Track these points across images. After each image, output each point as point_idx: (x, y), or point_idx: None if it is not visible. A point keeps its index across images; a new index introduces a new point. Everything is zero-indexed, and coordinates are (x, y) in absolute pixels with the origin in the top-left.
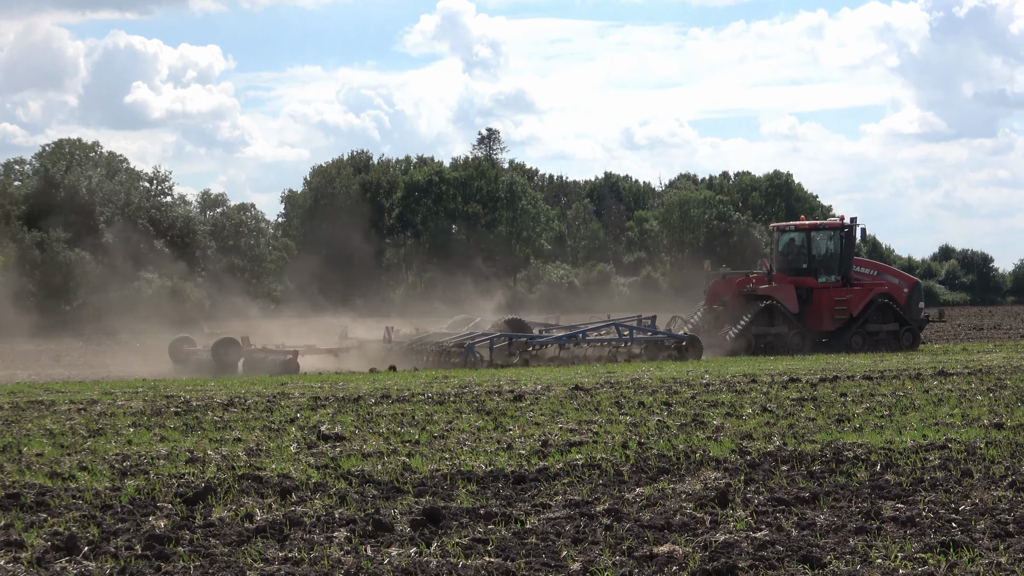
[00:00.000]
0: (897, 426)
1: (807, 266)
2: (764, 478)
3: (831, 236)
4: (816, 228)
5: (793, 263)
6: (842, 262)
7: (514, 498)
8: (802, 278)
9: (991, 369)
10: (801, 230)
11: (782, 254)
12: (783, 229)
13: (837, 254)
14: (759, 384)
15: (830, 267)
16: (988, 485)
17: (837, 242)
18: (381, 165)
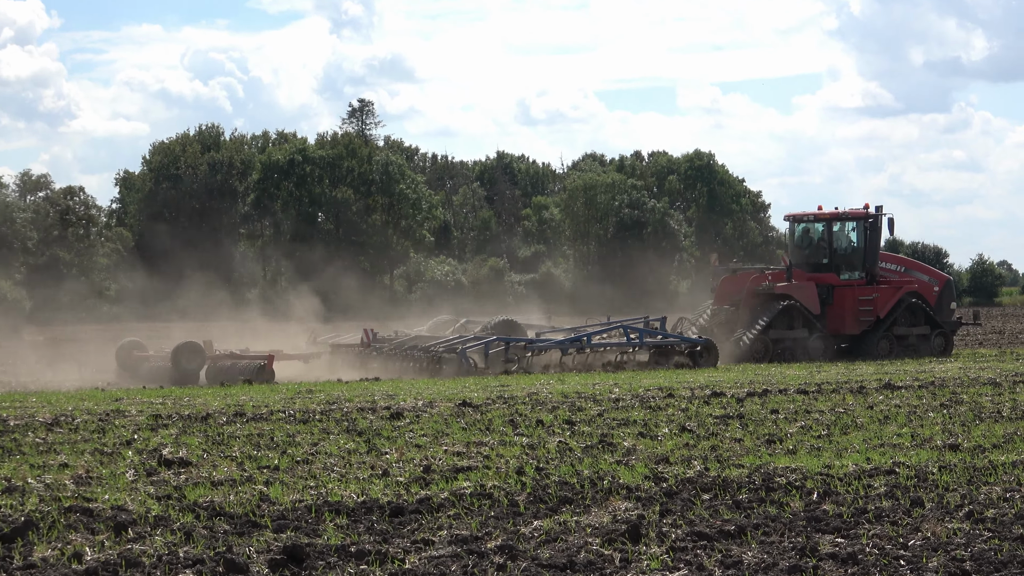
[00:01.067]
0: (837, 448)
1: (828, 261)
2: (683, 509)
3: (854, 227)
4: (838, 218)
5: (811, 258)
6: (867, 257)
7: (391, 533)
8: (822, 275)
9: (944, 382)
10: (821, 220)
11: (798, 247)
12: (799, 219)
13: (861, 248)
14: (677, 399)
15: (853, 262)
16: (941, 516)
17: (861, 234)
18: (234, 142)
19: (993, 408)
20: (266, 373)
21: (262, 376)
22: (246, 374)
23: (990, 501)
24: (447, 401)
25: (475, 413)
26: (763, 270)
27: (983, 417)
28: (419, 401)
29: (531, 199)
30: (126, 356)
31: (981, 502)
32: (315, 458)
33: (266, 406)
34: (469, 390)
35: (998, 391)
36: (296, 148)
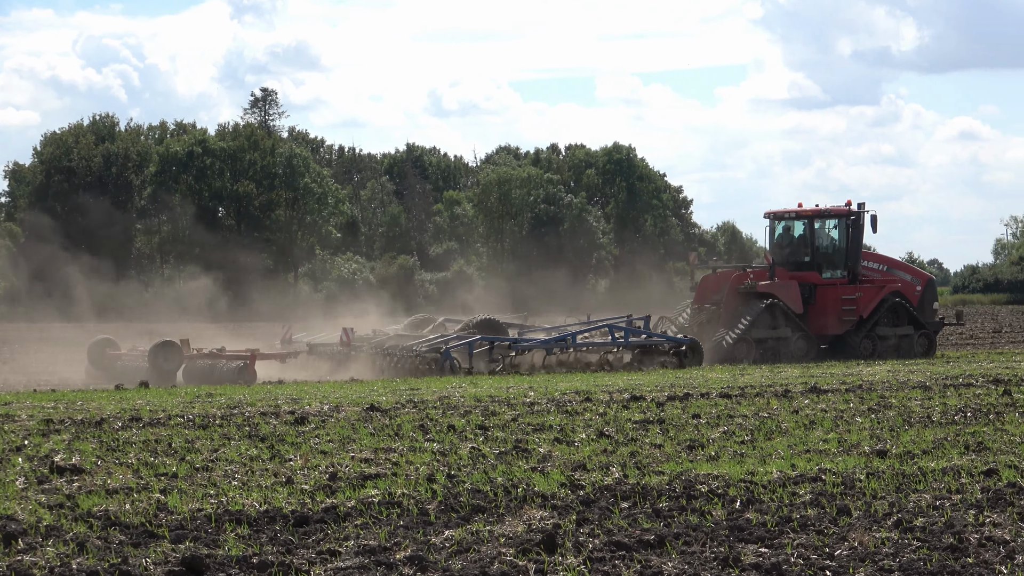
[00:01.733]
0: (761, 454)
1: (809, 259)
2: (600, 517)
3: (836, 225)
4: (819, 215)
5: (792, 256)
6: (849, 255)
7: (295, 544)
8: (804, 273)
9: (873, 385)
10: (803, 217)
11: (779, 245)
12: (780, 216)
13: (843, 246)
14: (595, 403)
15: (835, 261)
16: (869, 525)
17: (843, 232)
18: (129, 133)
19: (923, 413)
20: (248, 373)
21: (244, 376)
22: (228, 374)
23: (919, 509)
24: (354, 405)
25: (384, 418)
26: (744, 268)
27: (912, 422)
28: (325, 405)
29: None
30: (99, 354)
31: (910, 510)
32: (215, 465)
33: (163, 410)
34: (377, 394)
35: (928, 395)
36: (195, 139)
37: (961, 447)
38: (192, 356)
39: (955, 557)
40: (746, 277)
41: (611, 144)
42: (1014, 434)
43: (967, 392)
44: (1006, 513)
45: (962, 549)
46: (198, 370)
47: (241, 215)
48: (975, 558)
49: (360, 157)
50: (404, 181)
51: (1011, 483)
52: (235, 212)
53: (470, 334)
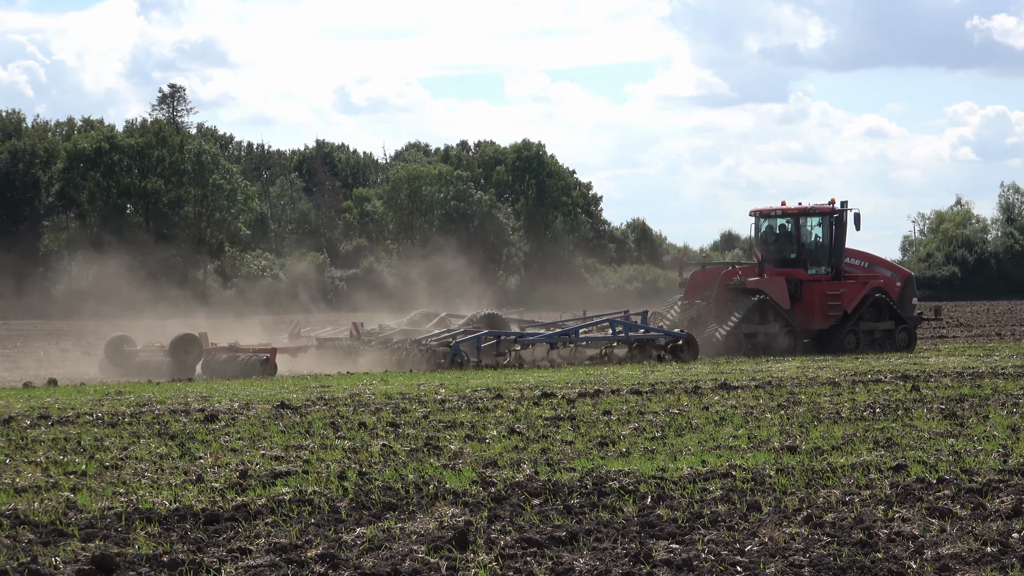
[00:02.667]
0: (671, 450)
1: (795, 256)
2: (512, 514)
3: (820, 222)
4: (805, 213)
5: (778, 253)
6: (832, 252)
7: (205, 542)
8: (790, 270)
9: (783, 381)
10: (789, 215)
11: (764, 242)
12: (767, 214)
13: (827, 243)
14: (506, 400)
15: (819, 258)
16: (779, 520)
17: (827, 229)
18: (36, 129)
19: (832, 409)
20: (269, 367)
21: (265, 370)
22: (248, 368)
23: (829, 505)
24: (264, 403)
25: (294, 415)
26: (733, 265)
27: (821, 418)
28: (235, 403)
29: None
30: (115, 351)
31: (820, 506)
32: (125, 463)
33: (72, 408)
34: (287, 391)
35: (837, 391)
36: (103, 136)
37: (870, 443)
38: (211, 350)
39: (865, 552)
40: (735, 273)
41: (521, 141)
42: (923, 430)
43: (876, 388)
44: (915, 508)
45: (872, 544)
46: (217, 364)
47: (150, 212)
48: (884, 553)
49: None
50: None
51: (920, 478)
52: (144, 209)
53: (476, 329)
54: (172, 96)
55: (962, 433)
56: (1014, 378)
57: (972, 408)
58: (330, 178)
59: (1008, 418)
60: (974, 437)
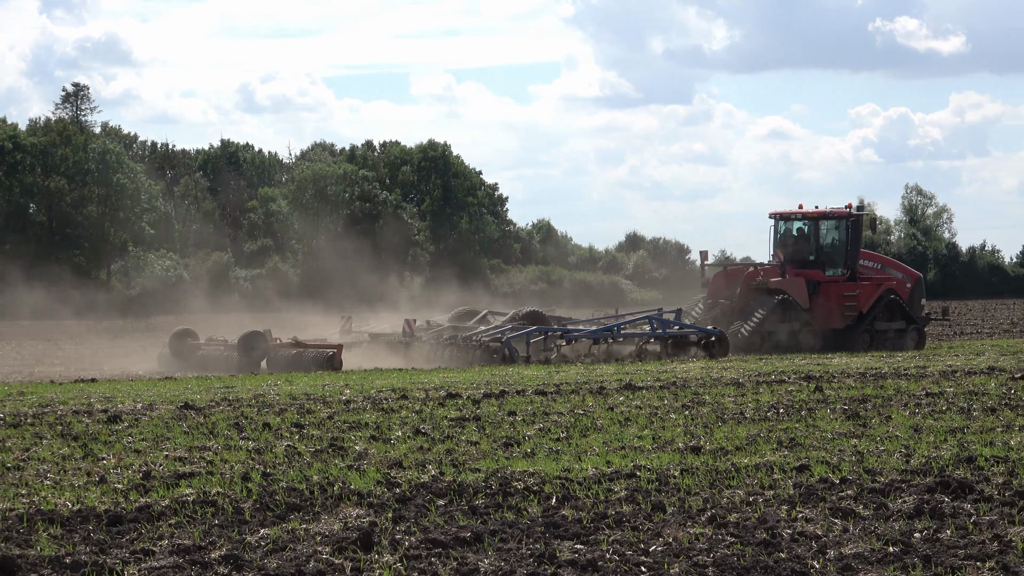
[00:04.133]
0: (576, 451)
1: (814, 258)
2: (417, 515)
3: (837, 226)
4: (824, 217)
5: (796, 255)
6: (848, 254)
7: (109, 544)
8: (809, 271)
9: (687, 382)
10: (809, 219)
11: (782, 244)
12: (787, 217)
13: (843, 246)
14: (411, 401)
15: (836, 260)
16: (683, 521)
17: (844, 232)
18: None
19: (736, 409)
20: (335, 362)
21: (332, 365)
22: (316, 363)
23: (733, 505)
24: (168, 404)
25: (198, 416)
26: (755, 266)
27: (725, 418)
28: (138, 404)
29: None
30: (179, 344)
31: (724, 506)
32: (27, 464)
33: None
34: (191, 392)
35: (741, 392)
36: (6, 135)
37: (774, 443)
38: (276, 346)
39: (768, 552)
40: (757, 274)
41: (427, 141)
42: (825, 430)
43: (779, 389)
44: (818, 508)
45: (775, 544)
46: (282, 359)
47: (52, 212)
48: (788, 553)
49: (174, 153)
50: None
51: (823, 479)
52: (46, 209)
53: (523, 325)
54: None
55: (865, 433)
56: (916, 379)
57: (875, 408)
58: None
59: (910, 418)
60: (877, 437)
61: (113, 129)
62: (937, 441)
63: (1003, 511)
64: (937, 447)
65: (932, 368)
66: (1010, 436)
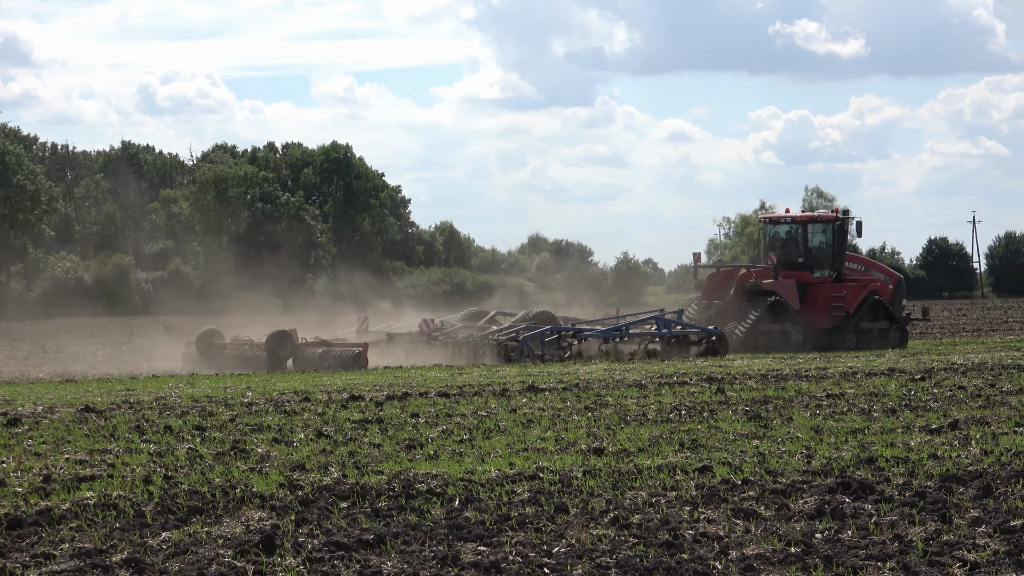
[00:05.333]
0: (479, 453)
1: (803, 260)
2: (319, 518)
3: (824, 229)
4: (812, 220)
5: (785, 257)
6: (835, 257)
7: (8, 547)
8: (798, 273)
9: (589, 384)
10: (798, 222)
11: (772, 247)
12: (776, 220)
13: (830, 248)
14: (314, 403)
15: (823, 262)
16: (586, 522)
17: (830, 236)
18: None
19: (638, 411)
20: (361, 360)
21: (358, 363)
22: (342, 362)
23: (635, 506)
24: (68, 406)
25: (99, 419)
26: (749, 268)
27: (628, 420)
28: (39, 407)
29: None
30: (206, 344)
31: (626, 507)
32: None
33: None
34: (92, 394)
35: (643, 393)
36: None
37: (676, 444)
38: (302, 345)
39: (671, 553)
40: (750, 276)
41: (329, 143)
42: (727, 431)
43: (681, 390)
44: (720, 509)
45: (677, 545)
46: (308, 358)
47: None
48: (690, 554)
49: (74, 155)
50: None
51: (725, 480)
52: None
53: (535, 325)
54: None
55: (766, 434)
56: (817, 380)
57: (776, 410)
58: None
59: (811, 419)
60: (778, 438)
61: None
62: (838, 442)
63: (903, 511)
64: (838, 448)
65: (833, 369)
66: (910, 437)
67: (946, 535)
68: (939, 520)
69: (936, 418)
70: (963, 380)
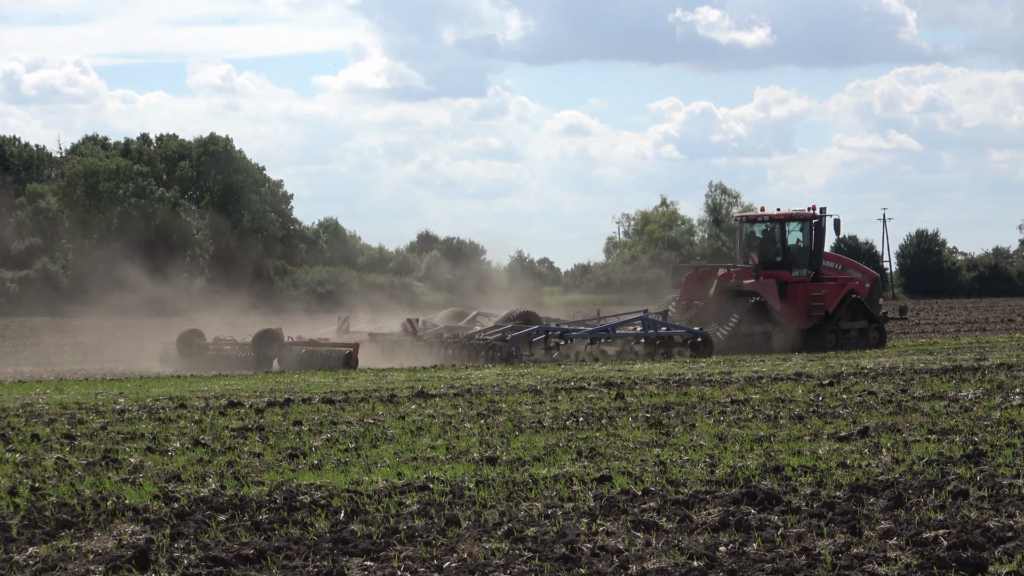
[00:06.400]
0: (366, 462)
1: (781, 260)
2: (196, 531)
3: (801, 227)
4: (790, 219)
5: (763, 256)
6: (813, 256)
7: None
8: (775, 272)
9: (482, 389)
10: (776, 221)
11: (748, 246)
12: (753, 219)
13: (808, 247)
14: (190, 410)
15: (801, 261)
16: (479, 535)
17: (808, 234)
18: None
19: (533, 418)
20: (352, 361)
21: (349, 363)
22: (332, 362)
23: (530, 519)
24: None
25: None
26: (728, 268)
27: (523, 427)
28: None
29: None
30: (187, 344)
31: (521, 520)
32: None
33: None
34: None
35: (539, 399)
36: None
37: (573, 453)
38: (289, 344)
39: (567, 568)
40: (730, 276)
41: (207, 135)
42: (627, 439)
43: (579, 396)
44: (620, 521)
45: (575, 559)
46: (295, 358)
47: None
48: (588, 568)
49: None
50: None
51: (624, 490)
52: None
53: (522, 325)
54: None
55: (668, 442)
56: (720, 385)
57: (678, 416)
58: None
59: (715, 427)
60: (680, 446)
61: None
62: (743, 450)
63: (811, 523)
64: (743, 456)
65: (737, 374)
66: (818, 445)
67: (856, 548)
68: (848, 532)
69: (845, 425)
70: (873, 385)
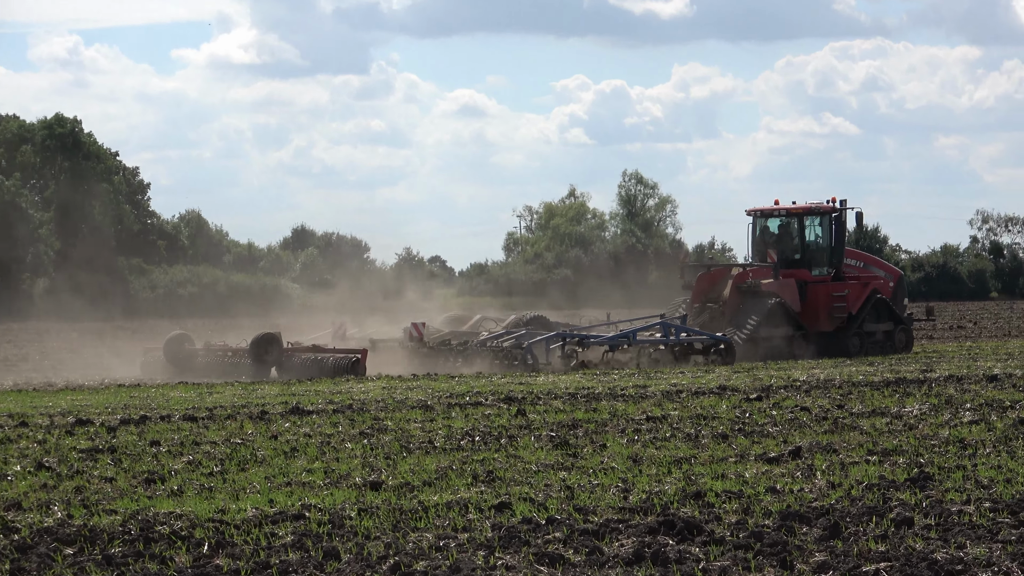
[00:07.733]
0: (233, 488)
1: (800, 257)
2: (40, 567)
3: (821, 222)
4: (807, 212)
5: (780, 254)
6: (834, 252)
7: None
8: (795, 271)
9: (365, 405)
10: (793, 215)
11: (763, 243)
12: (768, 213)
13: (828, 243)
14: (32, 428)
15: (821, 259)
16: (361, 570)
17: (827, 229)
18: None
19: (423, 437)
20: (360, 367)
21: (356, 371)
22: (338, 369)
23: (420, 551)
24: None
25: None
26: (745, 267)
27: (411, 448)
28: None
29: None
30: (176, 350)
31: (409, 552)
32: None
33: None
34: None
35: (430, 416)
36: None
37: (468, 477)
38: (289, 350)
39: None
40: (746, 276)
41: (52, 116)
42: (529, 461)
43: (475, 412)
44: (521, 554)
45: None
46: (297, 365)
47: None
48: None
49: None
50: None
51: (526, 518)
52: None
53: (536, 331)
54: None
55: (576, 465)
56: (635, 400)
57: (587, 435)
58: None
59: (628, 447)
60: (589, 469)
61: None
62: (660, 474)
63: (736, 555)
64: (660, 480)
65: (654, 388)
66: (744, 467)
67: None
68: (779, 565)
69: (775, 445)
70: (806, 400)
